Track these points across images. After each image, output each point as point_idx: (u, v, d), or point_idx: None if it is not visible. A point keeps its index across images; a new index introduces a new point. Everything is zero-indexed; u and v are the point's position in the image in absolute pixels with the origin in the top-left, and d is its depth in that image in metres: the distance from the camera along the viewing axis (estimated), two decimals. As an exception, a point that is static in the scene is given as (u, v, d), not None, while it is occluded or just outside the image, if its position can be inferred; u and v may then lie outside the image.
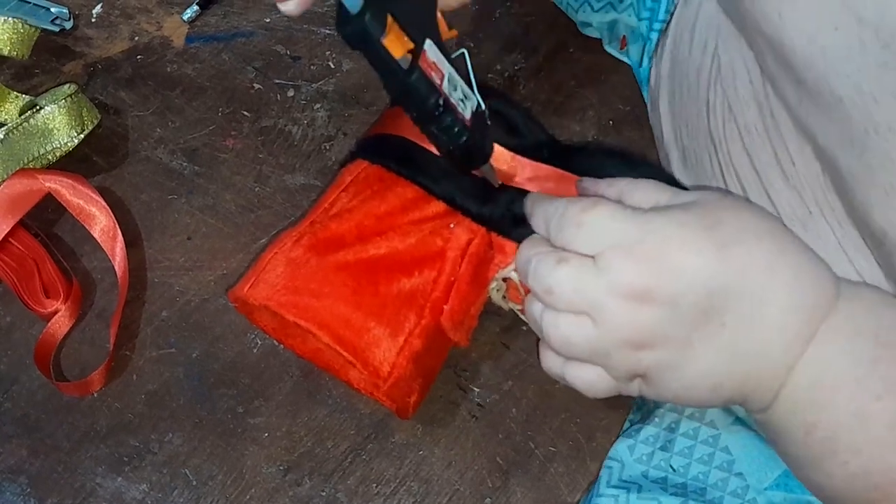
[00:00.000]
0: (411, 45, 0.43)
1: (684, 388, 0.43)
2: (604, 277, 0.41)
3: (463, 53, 0.49)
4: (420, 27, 0.44)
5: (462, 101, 0.47)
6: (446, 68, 0.46)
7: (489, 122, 0.50)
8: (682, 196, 0.44)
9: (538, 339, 0.46)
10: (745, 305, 0.41)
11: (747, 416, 0.54)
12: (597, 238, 0.42)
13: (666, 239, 0.41)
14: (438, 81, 0.45)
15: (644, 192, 0.45)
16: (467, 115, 0.47)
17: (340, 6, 0.41)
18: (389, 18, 0.42)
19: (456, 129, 0.46)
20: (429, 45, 0.45)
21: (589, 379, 0.44)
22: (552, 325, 0.43)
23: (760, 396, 0.42)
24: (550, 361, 0.46)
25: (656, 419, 0.56)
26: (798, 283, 0.42)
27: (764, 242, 0.42)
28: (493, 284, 0.53)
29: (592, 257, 0.42)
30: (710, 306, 0.41)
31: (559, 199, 0.45)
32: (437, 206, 0.53)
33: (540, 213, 0.46)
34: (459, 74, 0.47)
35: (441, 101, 0.45)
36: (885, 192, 0.40)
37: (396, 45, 0.42)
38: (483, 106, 0.49)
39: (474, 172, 0.52)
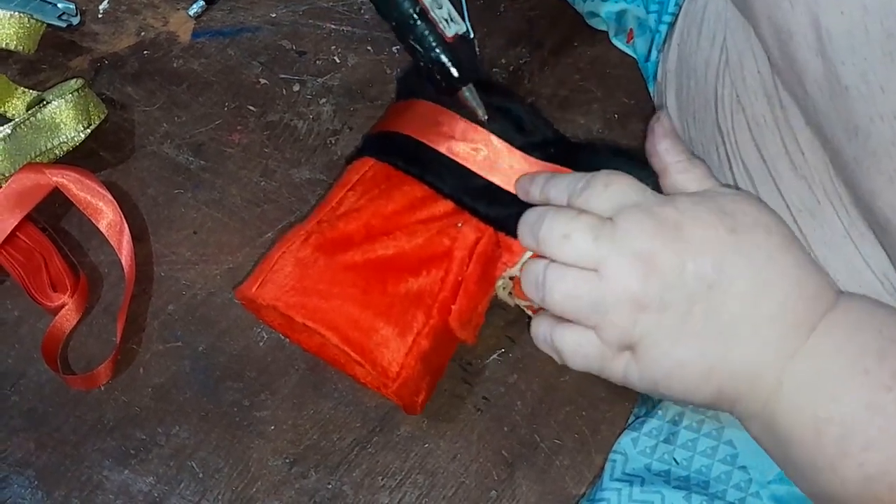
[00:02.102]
0: None
1: (673, 367, 0.43)
2: (620, 233, 0.43)
3: None
4: None
5: (446, 20, 0.48)
6: None
7: (478, 53, 0.52)
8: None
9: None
10: (748, 289, 0.42)
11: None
12: (621, 198, 0.45)
13: (682, 212, 0.44)
14: None
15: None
16: (449, 34, 0.48)
17: None
18: None
19: (433, 43, 0.48)
20: None
21: (577, 341, 0.45)
22: (557, 279, 0.44)
23: (757, 390, 0.43)
24: (540, 327, 0.47)
25: (660, 412, 0.56)
26: (801, 275, 0.43)
27: (772, 236, 0.44)
28: (500, 282, 0.53)
29: (609, 220, 0.44)
30: (715, 281, 0.42)
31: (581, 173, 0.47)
32: (445, 205, 0.53)
33: (561, 180, 0.48)
34: (452, 3, 0.49)
35: (418, 10, 0.46)
36: (889, 179, 0.41)
37: None
38: (472, 34, 0.51)
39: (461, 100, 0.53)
